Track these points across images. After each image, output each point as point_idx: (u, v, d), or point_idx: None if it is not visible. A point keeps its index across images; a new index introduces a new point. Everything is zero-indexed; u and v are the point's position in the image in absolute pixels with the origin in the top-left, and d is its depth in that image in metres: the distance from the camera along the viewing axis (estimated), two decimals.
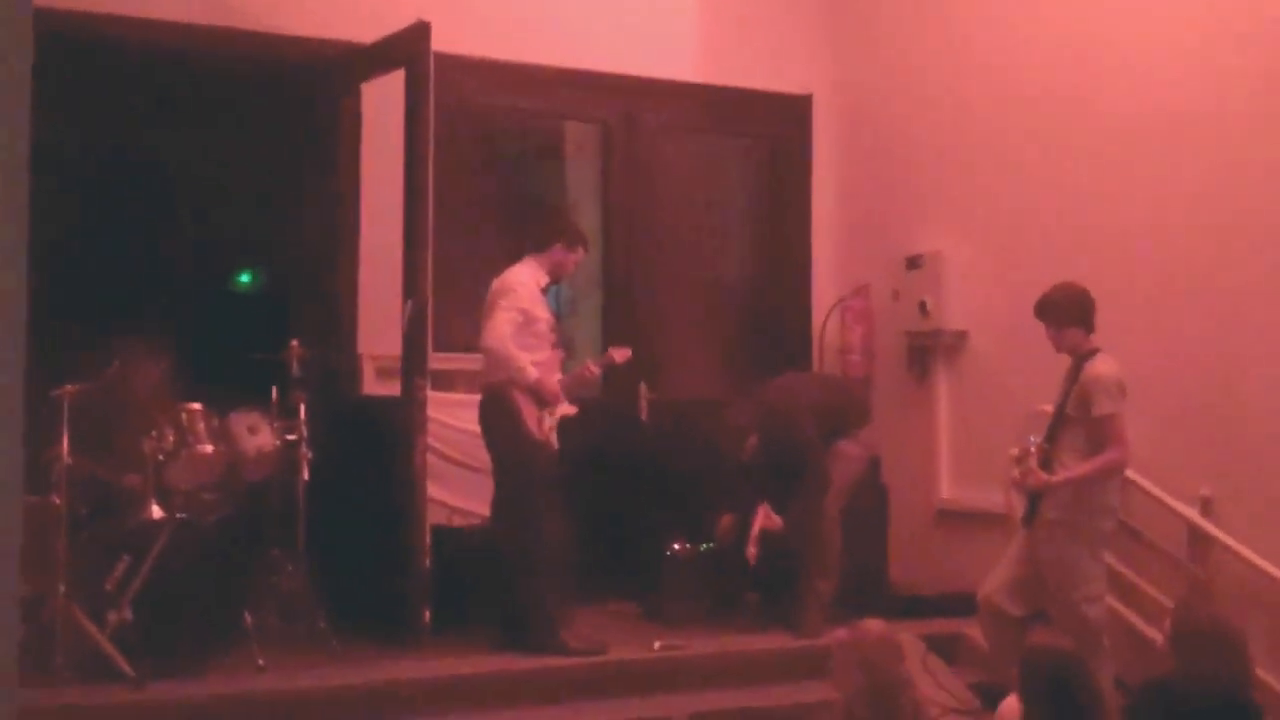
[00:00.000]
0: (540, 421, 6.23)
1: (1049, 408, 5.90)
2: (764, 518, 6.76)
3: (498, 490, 6.37)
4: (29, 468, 1.86)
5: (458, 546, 6.60)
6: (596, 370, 6.64)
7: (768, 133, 8.58)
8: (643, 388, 7.80)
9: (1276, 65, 6.18)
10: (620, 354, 6.63)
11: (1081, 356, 5.77)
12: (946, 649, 6.52)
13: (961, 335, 7.81)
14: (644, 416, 7.80)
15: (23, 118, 1.63)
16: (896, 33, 8.31)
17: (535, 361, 6.22)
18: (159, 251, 9.97)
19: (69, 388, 5.63)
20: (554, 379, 6.31)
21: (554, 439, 6.33)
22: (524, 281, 6.30)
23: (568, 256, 6.45)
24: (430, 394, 6.50)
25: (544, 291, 6.44)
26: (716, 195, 8.65)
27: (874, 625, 4.40)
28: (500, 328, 6.18)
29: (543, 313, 6.35)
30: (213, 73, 7.95)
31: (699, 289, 8.39)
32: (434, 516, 6.60)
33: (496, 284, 6.33)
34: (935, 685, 6.00)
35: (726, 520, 7.00)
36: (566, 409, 6.47)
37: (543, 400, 6.23)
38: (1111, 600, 6.09)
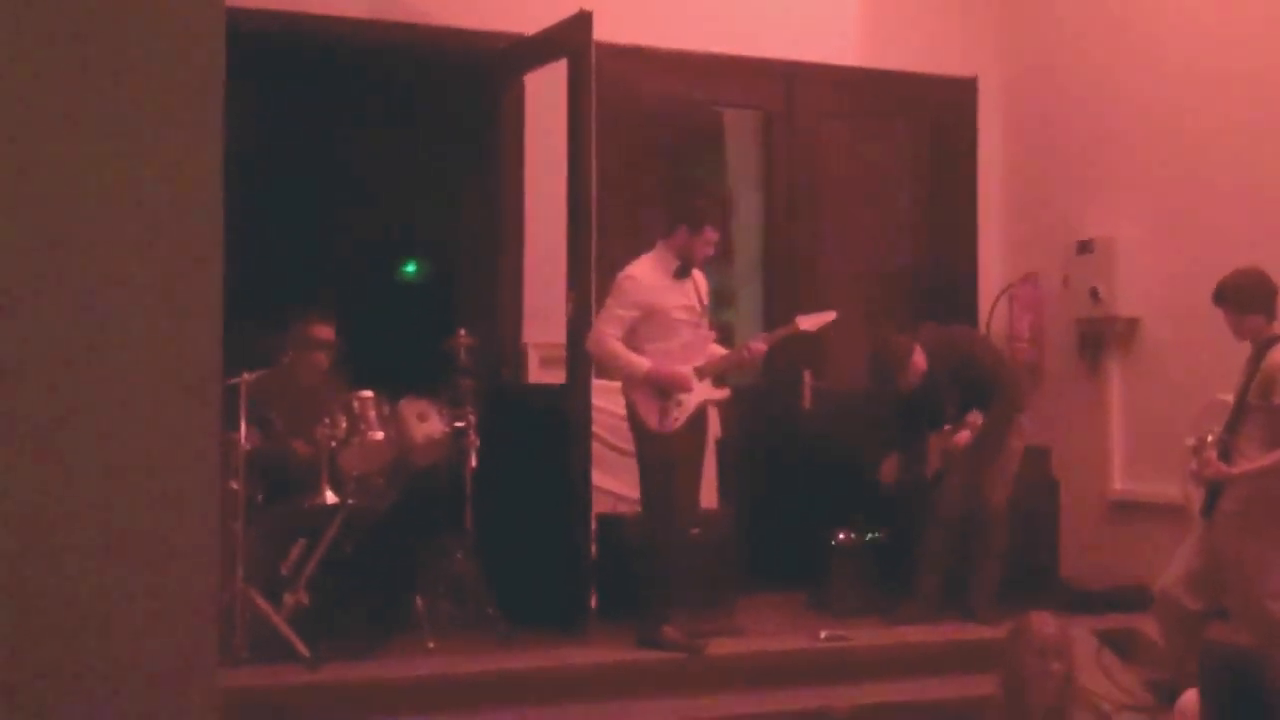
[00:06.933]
0: (664, 411, 6.04)
1: (1228, 397, 5.71)
2: (969, 428, 6.79)
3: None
4: None
5: (622, 534, 6.61)
6: (761, 348, 6.29)
7: (932, 116, 8.43)
8: (807, 375, 7.74)
9: None
10: (808, 321, 6.26)
11: (1263, 344, 5.57)
12: (1120, 644, 6.36)
13: (1134, 322, 7.60)
14: (807, 404, 7.74)
15: (217, 116, 1.67)
16: (1064, 12, 8.11)
17: (665, 350, 6.08)
18: (330, 242, 10.18)
19: (245, 375, 5.79)
20: (682, 366, 6.08)
21: (692, 422, 6.13)
22: (635, 275, 6.14)
23: (693, 239, 6.17)
24: (595, 382, 6.54)
25: (679, 275, 6.19)
26: (879, 181, 8.52)
27: (1044, 618, 4.32)
28: (597, 329, 6.14)
29: (673, 300, 6.14)
30: (380, 66, 8.10)
31: (862, 277, 8.29)
32: (599, 504, 6.63)
33: (614, 281, 6.23)
34: (1109, 682, 5.87)
35: (891, 462, 7.00)
36: (714, 393, 6.29)
37: (665, 390, 6.09)
38: None
